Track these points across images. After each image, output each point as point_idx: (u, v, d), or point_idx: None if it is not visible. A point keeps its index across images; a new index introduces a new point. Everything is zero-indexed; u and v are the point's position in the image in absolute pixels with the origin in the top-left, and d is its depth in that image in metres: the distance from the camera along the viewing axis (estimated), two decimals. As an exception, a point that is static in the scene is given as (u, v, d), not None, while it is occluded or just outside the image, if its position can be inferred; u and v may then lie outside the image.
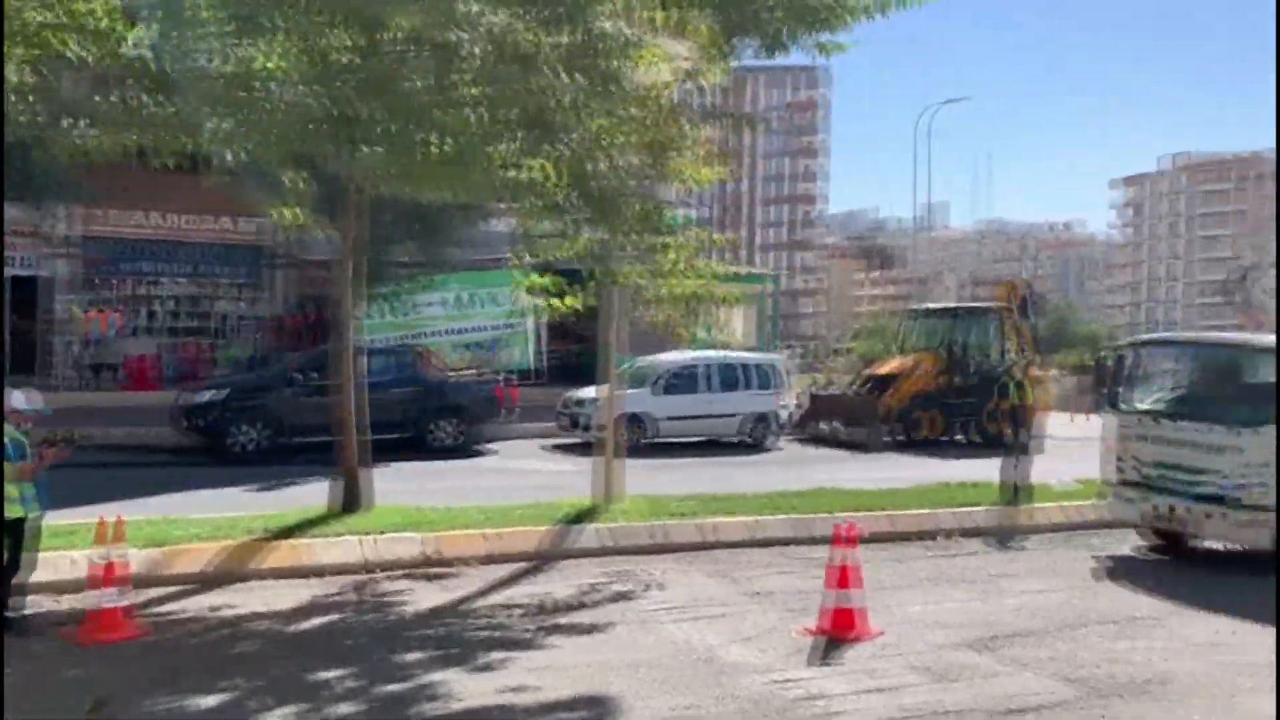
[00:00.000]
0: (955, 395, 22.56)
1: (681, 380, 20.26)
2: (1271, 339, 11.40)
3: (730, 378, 20.62)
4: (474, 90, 7.92)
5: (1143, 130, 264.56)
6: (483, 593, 9.24)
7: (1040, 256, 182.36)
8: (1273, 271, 12.06)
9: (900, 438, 21.84)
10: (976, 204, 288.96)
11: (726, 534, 11.37)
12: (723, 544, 11.18)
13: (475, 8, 6.85)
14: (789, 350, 54.10)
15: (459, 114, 7.65)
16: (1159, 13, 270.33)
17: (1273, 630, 8.55)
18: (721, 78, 8.49)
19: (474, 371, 20.84)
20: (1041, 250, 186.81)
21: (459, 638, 7.89)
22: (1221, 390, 11.71)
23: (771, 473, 16.49)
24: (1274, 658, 7.88)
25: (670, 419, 19.88)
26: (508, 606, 8.79)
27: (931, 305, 28.18)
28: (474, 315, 23.80)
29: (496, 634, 7.98)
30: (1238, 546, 11.22)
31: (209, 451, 17.13)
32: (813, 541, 11.19)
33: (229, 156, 8.22)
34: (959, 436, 22.69)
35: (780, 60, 10.76)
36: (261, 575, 9.41)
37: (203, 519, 10.46)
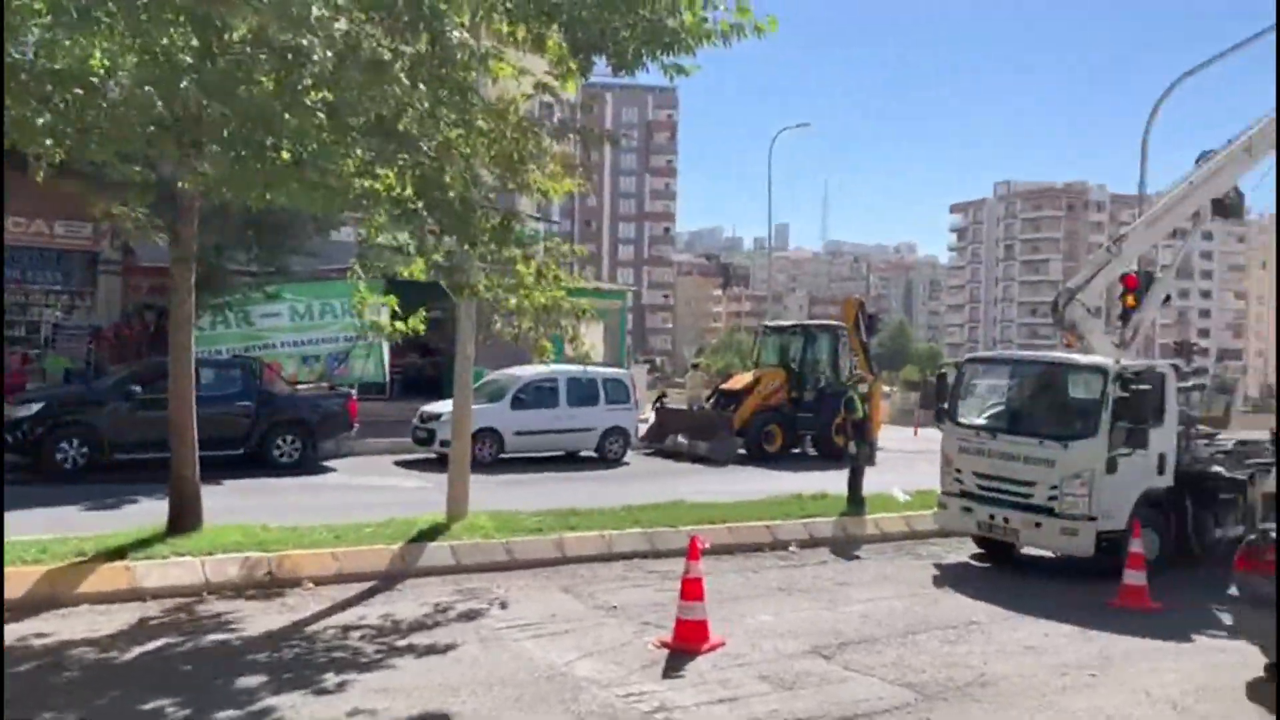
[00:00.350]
0: (801, 409, 23.21)
1: (535, 394, 20.14)
2: (1090, 358, 12.20)
3: (584, 392, 20.62)
4: (321, 95, 7.71)
5: (977, 159, 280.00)
6: (326, 614, 8.93)
7: (879, 277, 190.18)
8: (1090, 291, 12.84)
9: (748, 451, 22.30)
10: (820, 226, 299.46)
11: (579, 549, 11.36)
12: (576, 559, 11.16)
13: (321, 11, 6.67)
14: (643, 365, 54.65)
15: (305, 119, 7.42)
16: (994, 51, 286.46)
17: (1087, 633, 9.14)
18: (574, 93, 8.53)
19: (320, 385, 20.18)
20: (881, 271, 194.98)
21: (300, 661, 7.60)
22: (1043, 406, 12.45)
23: (624, 487, 16.58)
24: (1100, 660, 8.41)
25: (524, 433, 19.75)
26: (352, 628, 8.52)
27: (779, 323, 28.94)
28: (320, 327, 23.05)
29: (340, 656, 7.72)
30: (1058, 553, 11.90)
31: (33, 469, 16.00)
32: (665, 554, 11.31)
33: (57, 157, 7.75)
34: (804, 450, 23.35)
35: (639, 79, 10.91)
36: (88, 599, 8.83)
37: (28, 540, 9.74)
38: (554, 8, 7.79)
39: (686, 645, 8.04)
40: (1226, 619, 9.79)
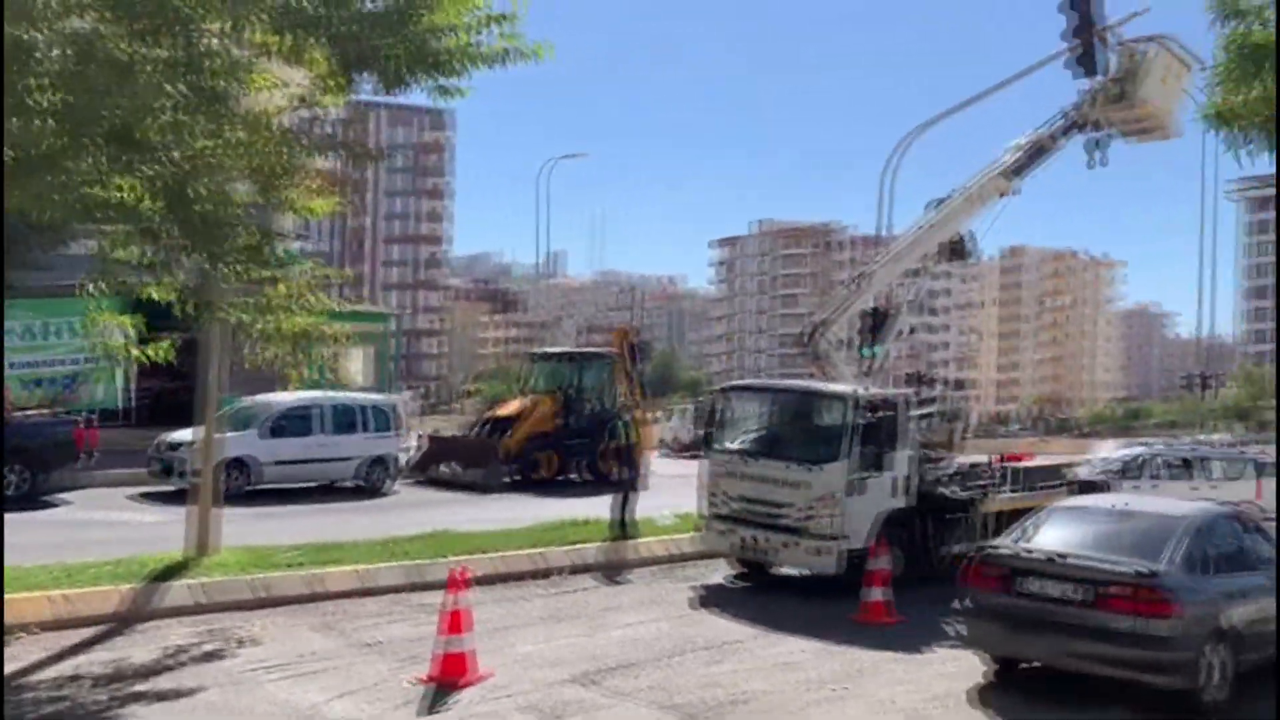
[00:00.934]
0: (571, 436, 23.37)
1: (291, 422, 19.19)
2: (835, 387, 12.97)
3: (345, 419, 19.85)
4: (52, 97, 7.06)
5: (739, 196, 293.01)
6: (49, 662, 8.10)
7: (650, 307, 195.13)
8: (836, 324, 13.78)
9: (519, 478, 22.19)
10: (592, 255, 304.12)
11: (336, 584, 10.88)
12: (332, 595, 10.68)
13: (49, 4, 6.12)
14: (411, 391, 53.40)
15: (31, 122, 6.78)
16: (756, 94, 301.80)
17: (835, 649, 9.64)
18: (337, 109, 8.25)
19: (46, 410, 18.40)
20: (652, 300, 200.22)
21: (12, 717, 6.84)
22: (795, 431, 13.13)
23: (388, 518, 16.07)
24: (847, 673, 8.88)
25: (279, 463, 18.77)
26: (77, 677, 7.77)
27: (551, 350, 29.13)
28: (49, 347, 21.09)
29: (61, 708, 7.02)
30: (809, 572, 12.53)
31: None
32: (427, 587, 11.01)
33: None
34: (575, 476, 23.50)
35: (412, 99, 10.68)
36: None
37: None
38: (316, 20, 7.51)
39: (450, 679, 7.85)
40: (955, 630, 10.64)
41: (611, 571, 12.89)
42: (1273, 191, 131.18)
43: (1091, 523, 9.07)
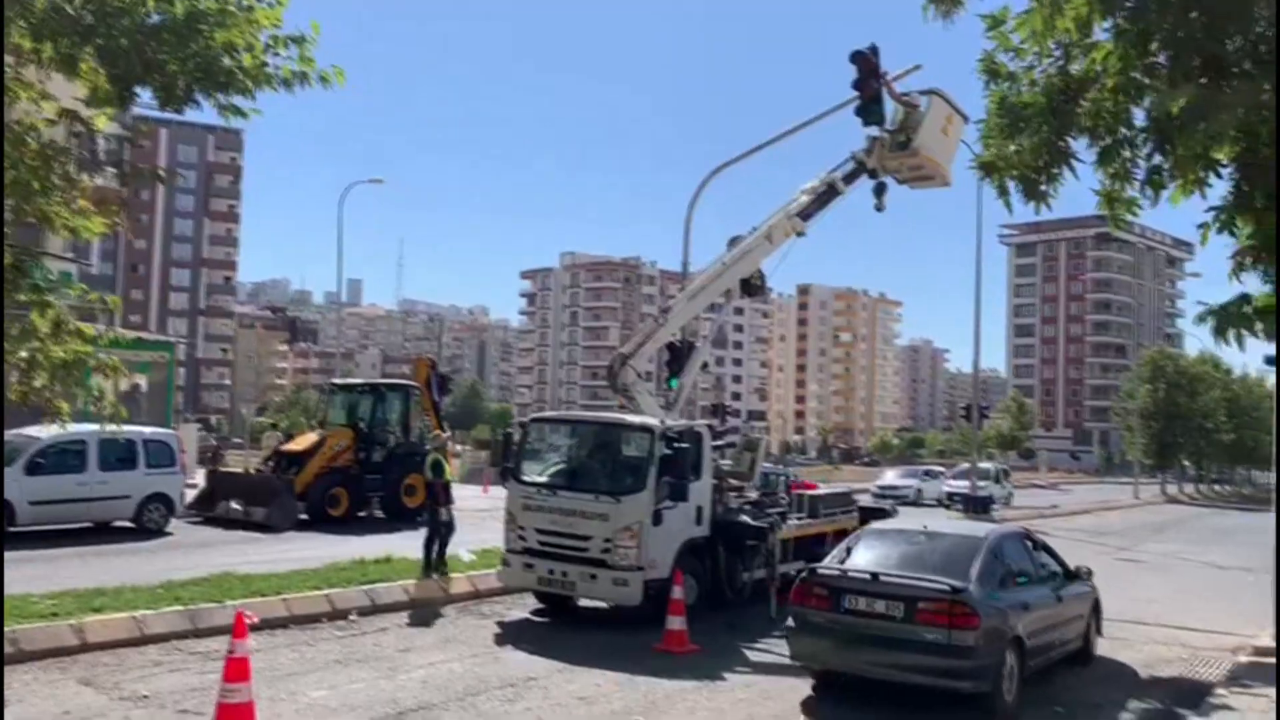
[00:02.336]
0: (370, 471, 22.61)
1: (58, 458, 17.67)
2: (639, 419, 13.11)
3: (119, 455, 18.44)
4: None
5: (547, 228, 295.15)
6: None
7: (455, 337, 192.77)
8: (640, 357, 13.78)
9: (308, 517, 21.23)
10: (395, 283, 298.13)
11: (105, 633, 10.02)
12: (100, 645, 9.83)
13: None
14: (195, 424, 50.33)
15: None
16: (564, 128, 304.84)
17: (635, 679, 9.67)
18: (108, 124, 7.68)
19: None
20: (456, 332, 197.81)
21: None
22: (599, 463, 13.18)
23: (167, 560, 15.01)
24: (646, 704, 8.90)
25: (42, 503, 17.22)
26: None
27: (349, 380, 28.11)
28: None
29: None
30: (611, 603, 12.54)
31: None
32: (209, 633, 10.35)
33: None
34: (375, 512, 22.73)
35: (201, 117, 10.09)
36: None
37: None
38: (88, 29, 6.98)
39: (228, 732, 7.34)
40: (753, 656, 10.93)
41: (410, 611, 12.50)
42: (1033, 238, 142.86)
43: (903, 544, 9.88)
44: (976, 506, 33.98)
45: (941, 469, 49.17)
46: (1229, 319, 5.94)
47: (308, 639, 10.83)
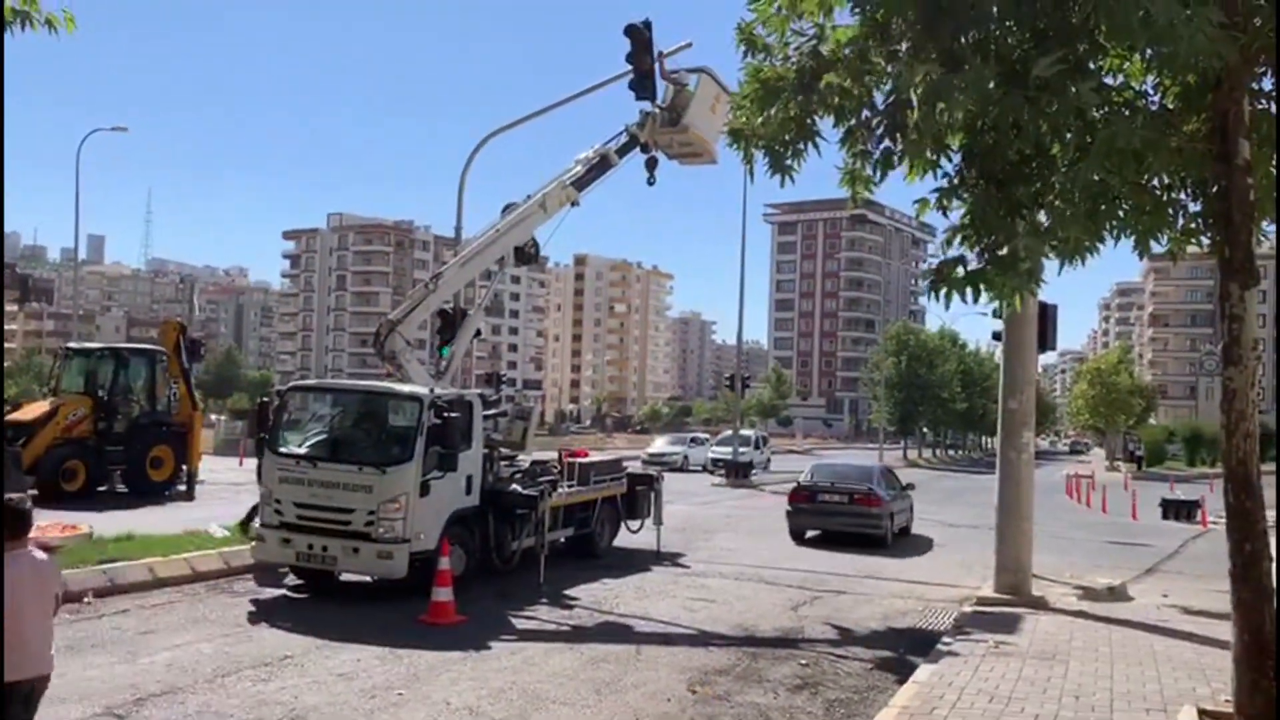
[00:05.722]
0: (111, 442, 20.92)
1: None
2: (407, 388, 12.81)
3: None
4: None
5: (312, 188, 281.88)
6: None
7: (210, 300, 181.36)
8: (410, 324, 13.37)
9: (40, 491, 19.41)
10: (142, 241, 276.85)
11: None
12: None
13: None
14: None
15: None
16: (328, 81, 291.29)
17: (397, 653, 9.49)
18: None
19: None
20: (210, 294, 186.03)
21: None
22: (364, 434, 12.78)
23: None
24: (409, 678, 8.73)
25: None
26: None
27: (87, 345, 25.78)
28: None
29: None
30: (375, 577, 12.22)
31: None
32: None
33: None
34: (118, 487, 21.10)
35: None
36: None
37: None
38: None
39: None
40: (521, 624, 10.97)
41: (154, 591, 11.70)
42: (794, 218, 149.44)
43: (838, 469, 20.77)
44: (738, 472, 35.56)
45: (707, 436, 51.08)
46: (943, 280, 6.44)
47: (34, 625, 9.91)
